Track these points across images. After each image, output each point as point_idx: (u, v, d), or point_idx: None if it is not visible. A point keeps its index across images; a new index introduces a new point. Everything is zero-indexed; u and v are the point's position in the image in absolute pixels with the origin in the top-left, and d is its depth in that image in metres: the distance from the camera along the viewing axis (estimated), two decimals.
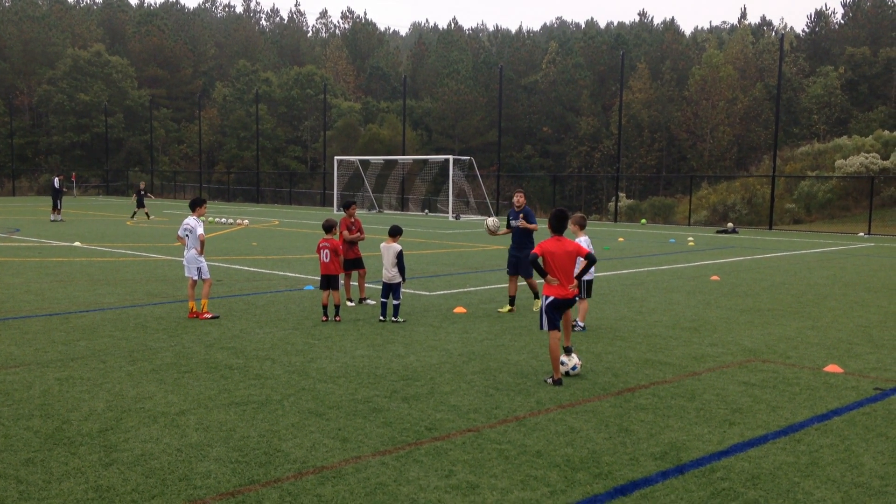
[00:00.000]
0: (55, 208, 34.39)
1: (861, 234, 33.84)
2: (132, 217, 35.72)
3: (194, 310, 11.84)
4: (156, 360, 9.12)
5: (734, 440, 6.59)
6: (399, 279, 11.73)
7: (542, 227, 12.00)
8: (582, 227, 11.43)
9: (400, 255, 11.77)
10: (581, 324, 11.23)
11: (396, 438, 6.52)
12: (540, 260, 8.49)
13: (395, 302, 11.72)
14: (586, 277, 11.27)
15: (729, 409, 7.45)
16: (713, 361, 9.40)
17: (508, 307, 12.87)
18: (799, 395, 7.97)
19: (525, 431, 6.74)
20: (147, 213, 36.04)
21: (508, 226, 13.12)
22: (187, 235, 12.05)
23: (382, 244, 11.96)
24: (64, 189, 35.21)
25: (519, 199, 13.10)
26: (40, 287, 14.66)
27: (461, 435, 6.63)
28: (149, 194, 36.19)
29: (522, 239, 12.79)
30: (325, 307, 11.78)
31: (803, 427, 6.97)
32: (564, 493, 5.45)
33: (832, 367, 9.07)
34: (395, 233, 12.01)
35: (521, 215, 12.84)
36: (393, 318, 11.73)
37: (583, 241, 11.18)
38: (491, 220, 13.30)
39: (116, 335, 10.44)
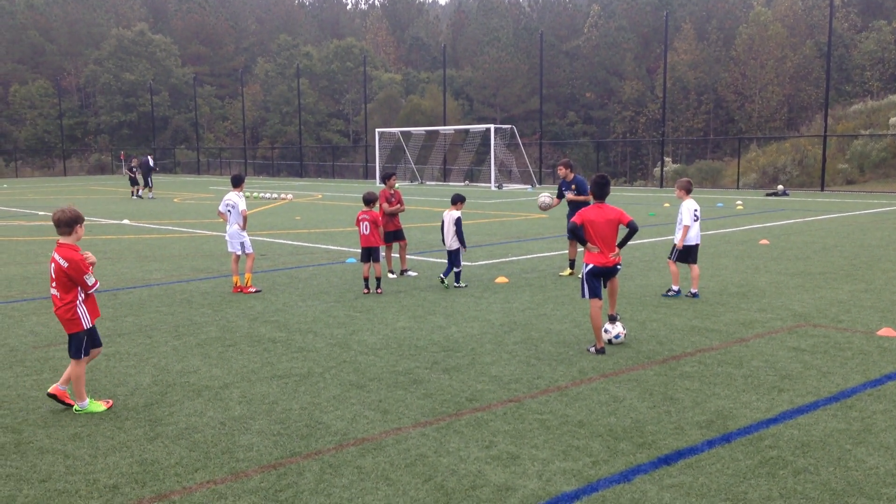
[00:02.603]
0: (147, 186, 35.34)
1: None
2: (148, 191, 35.85)
3: (238, 284, 11.95)
4: (200, 334, 9.22)
5: (783, 407, 6.42)
6: (457, 246, 12.01)
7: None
8: (688, 191, 11.19)
9: (458, 223, 12.04)
10: (693, 290, 11.02)
11: (437, 410, 6.49)
12: (580, 228, 8.35)
13: (455, 269, 12.05)
14: (692, 242, 11.04)
15: (778, 376, 7.27)
16: (762, 327, 9.18)
17: (569, 270, 13.06)
18: (851, 360, 7.74)
19: (567, 401, 6.66)
20: (136, 191, 35.69)
21: (560, 196, 13.21)
22: (229, 211, 12.13)
23: (445, 212, 12.25)
24: (156, 168, 36.10)
25: (560, 171, 13.06)
26: None
27: (502, 405, 6.57)
28: (136, 170, 36.42)
29: (578, 207, 12.69)
30: (366, 280, 11.79)
31: (855, 393, 6.77)
32: (607, 464, 5.37)
33: (886, 331, 8.79)
34: (455, 200, 12.29)
35: (573, 186, 12.84)
36: (455, 285, 12.04)
37: (688, 205, 10.97)
38: (541, 199, 13.26)
39: (163, 310, 10.59)
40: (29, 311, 10.72)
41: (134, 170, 36.23)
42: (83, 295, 6.50)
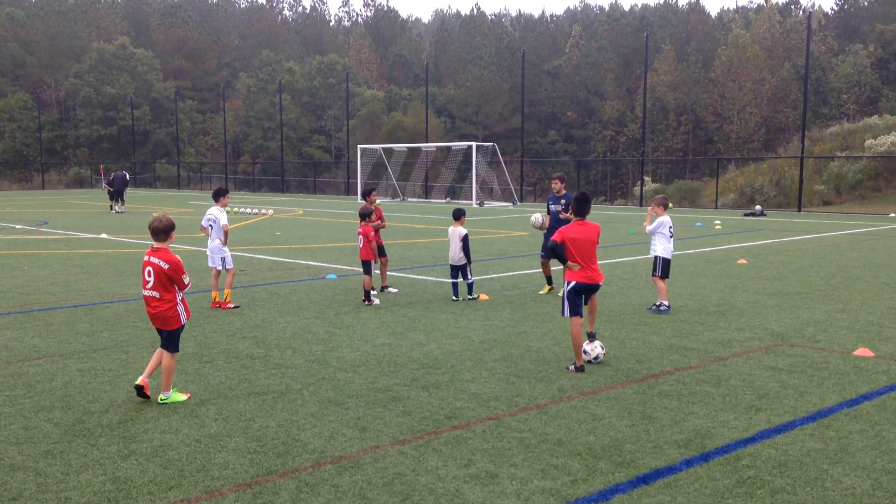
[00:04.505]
0: (122, 200, 35.21)
1: (892, 214, 33.22)
2: (121, 205, 35.50)
3: (217, 300, 11.86)
4: None
5: (761, 426, 6.44)
6: (464, 261, 12.31)
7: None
8: (665, 207, 11.38)
9: (465, 238, 12.34)
10: (666, 303, 11.20)
11: (415, 427, 6.45)
12: (560, 246, 8.37)
13: (467, 282, 12.36)
14: (665, 255, 11.23)
15: (755, 395, 7.29)
16: (740, 346, 9.23)
17: (548, 287, 12.99)
18: (828, 380, 7.79)
19: (546, 419, 6.64)
20: (114, 205, 35.39)
21: (549, 211, 13.10)
22: (211, 226, 12.07)
23: (450, 228, 12.58)
24: (129, 183, 36.18)
25: (556, 185, 12.96)
26: (66, 279, 14.78)
27: (481, 423, 6.55)
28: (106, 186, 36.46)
29: (560, 225, 12.60)
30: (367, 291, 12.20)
31: (832, 412, 6.80)
32: (585, 483, 5.35)
33: (862, 351, 8.86)
34: (458, 215, 12.57)
35: (563, 201, 12.75)
36: (469, 297, 12.33)
37: (663, 221, 11.19)
38: (534, 218, 13.28)
39: (139, 326, 10.48)
40: (3, 325, 10.57)
41: (113, 183, 36.01)
42: (180, 295, 7.15)
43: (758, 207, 35.09)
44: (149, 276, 7.06)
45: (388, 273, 13.83)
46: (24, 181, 71.47)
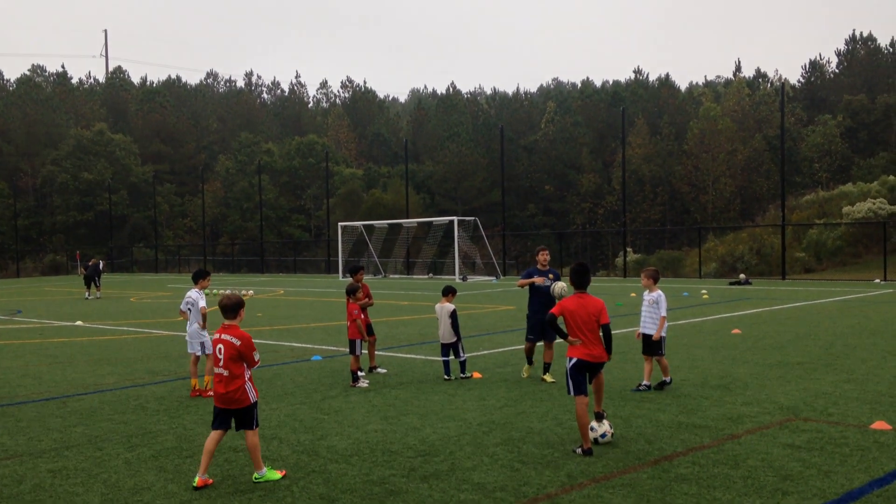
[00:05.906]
0: (97, 286, 34.86)
1: (877, 280, 33.25)
2: (96, 291, 34.91)
3: (197, 387, 11.29)
4: (155, 444, 8.53)
5: None
6: (455, 338, 11.82)
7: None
8: (655, 280, 10.82)
9: (453, 315, 11.86)
10: (667, 379, 10.73)
11: None
12: (559, 320, 8.01)
13: (459, 360, 11.88)
14: (661, 334, 10.66)
15: (778, 477, 6.83)
16: (751, 422, 8.78)
17: (528, 367, 12.10)
18: (850, 457, 7.35)
19: None
20: (89, 293, 34.79)
21: (527, 276, 12.32)
22: (189, 309, 11.61)
23: (437, 305, 12.13)
24: (102, 272, 36.10)
25: (544, 256, 12.14)
26: (38, 370, 14.12)
27: None
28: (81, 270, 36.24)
29: (546, 302, 11.69)
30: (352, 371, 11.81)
31: (863, 494, 6.35)
32: None
33: (880, 424, 8.44)
34: (446, 292, 12.09)
35: (551, 276, 12.02)
36: (461, 375, 11.88)
37: (656, 295, 10.67)
38: (559, 286, 11.24)
39: (115, 419, 9.87)
40: None
41: (89, 267, 35.52)
42: (248, 373, 7.21)
43: (742, 276, 35.03)
44: (220, 353, 7.14)
45: (375, 353, 13.33)
46: None
